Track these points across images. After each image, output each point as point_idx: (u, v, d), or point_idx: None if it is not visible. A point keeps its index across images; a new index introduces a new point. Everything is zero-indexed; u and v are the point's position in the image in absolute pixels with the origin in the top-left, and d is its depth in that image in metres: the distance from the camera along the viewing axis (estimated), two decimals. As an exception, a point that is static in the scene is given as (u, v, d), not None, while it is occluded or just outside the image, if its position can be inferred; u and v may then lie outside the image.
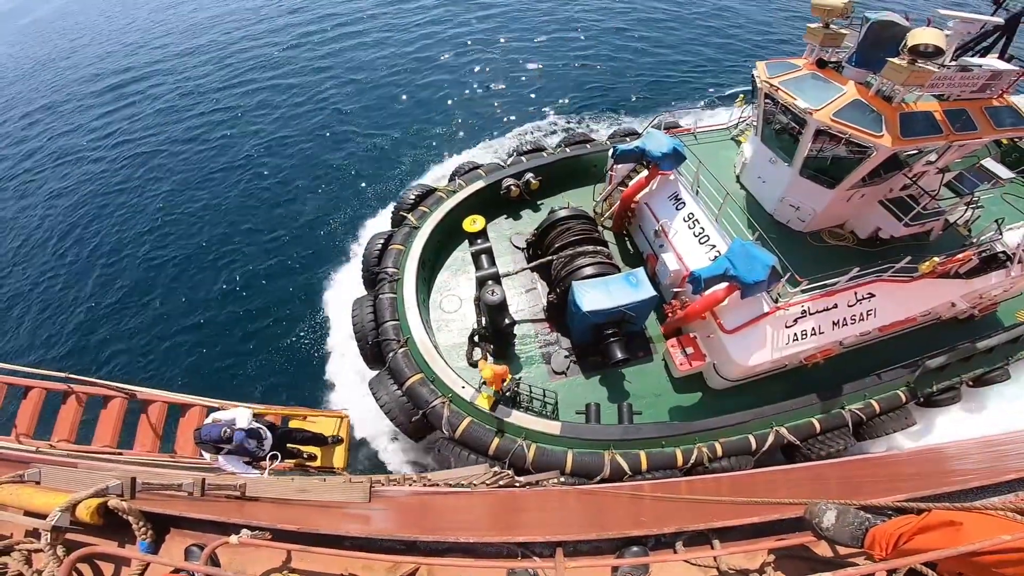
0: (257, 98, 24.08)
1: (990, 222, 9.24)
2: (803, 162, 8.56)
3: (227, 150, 20.61)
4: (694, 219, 9.58)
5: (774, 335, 8.12)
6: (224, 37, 32.29)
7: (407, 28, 29.72)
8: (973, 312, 10.13)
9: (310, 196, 17.50)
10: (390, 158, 19.05)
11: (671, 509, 4.65)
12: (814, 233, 9.53)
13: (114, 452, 6.43)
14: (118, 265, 16.02)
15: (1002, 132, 7.73)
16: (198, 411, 6.98)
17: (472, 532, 3.20)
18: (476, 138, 19.90)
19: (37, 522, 2.65)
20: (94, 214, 18.36)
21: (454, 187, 11.66)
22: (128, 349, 13.49)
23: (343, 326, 11.61)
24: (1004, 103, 7.83)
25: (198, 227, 16.86)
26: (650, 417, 8.83)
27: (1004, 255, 8.99)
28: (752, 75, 9.24)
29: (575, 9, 31.34)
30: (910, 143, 7.30)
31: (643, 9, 30.90)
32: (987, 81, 7.50)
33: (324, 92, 23.83)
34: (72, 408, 6.56)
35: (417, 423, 8.24)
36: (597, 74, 24.33)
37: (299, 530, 2.83)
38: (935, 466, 5.39)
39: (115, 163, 21.17)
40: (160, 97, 26.03)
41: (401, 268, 9.95)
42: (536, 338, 9.99)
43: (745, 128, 11.89)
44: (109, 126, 24.20)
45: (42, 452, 5.67)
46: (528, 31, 28.53)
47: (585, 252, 9.75)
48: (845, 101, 7.61)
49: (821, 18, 8.24)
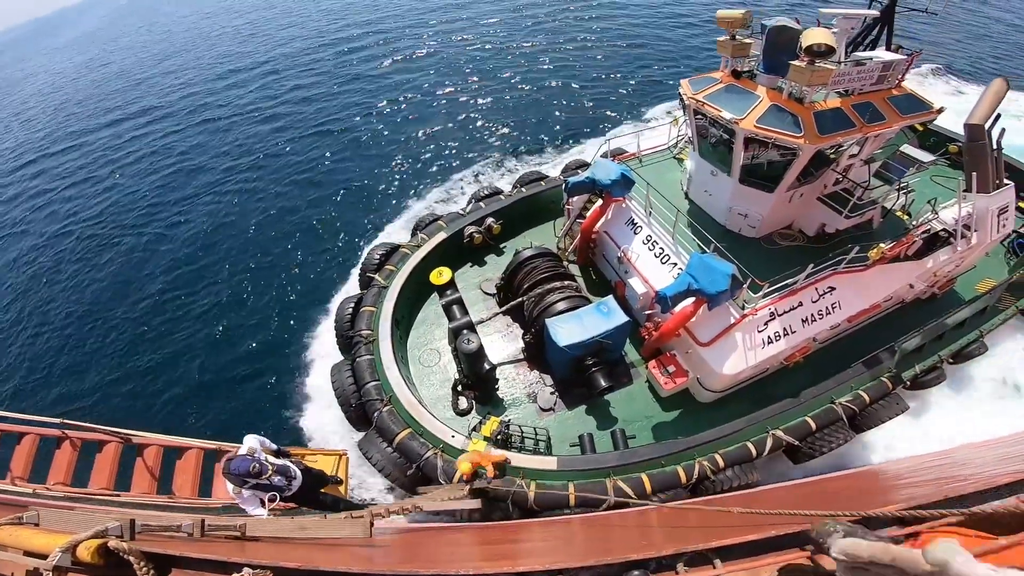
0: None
1: (925, 204, 9.78)
2: (741, 170, 9.00)
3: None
4: (652, 240, 9.86)
5: (749, 340, 8.24)
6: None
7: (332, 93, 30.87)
8: (933, 291, 10.52)
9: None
10: (344, 220, 19.14)
11: (677, 530, 4.55)
12: (766, 237, 9.90)
13: (111, 494, 6.42)
14: (104, 312, 16.52)
15: (908, 118, 8.29)
16: (195, 453, 7.02)
17: (473, 564, 3.12)
18: (429, 185, 20.19)
19: (38, 562, 2.61)
20: (83, 256, 19.31)
21: (417, 242, 11.79)
22: (120, 392, 13.72)
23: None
24: (903, 91, 8.46)
25: (189, 275, 17.37)
26: (644, 439, 8.72)
27: (945, 232, 9.46)
28: (679, 93, 9.80)
29: (505, 46, 33.78)
30: (828, 140, 7.78)
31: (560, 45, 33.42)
32: (882, 72, 8.12)
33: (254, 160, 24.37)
34: (67, 452, 6.68)
35: (412, 477, 8.03)
36: (533, 108, 25.67)
37: (300, 567, 2.78)
38: (936, 472, 5.46)
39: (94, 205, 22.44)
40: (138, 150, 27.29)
41: (375, 329, 9.87)
42: (519, 379, 9.90)
43: (684, 145, 12.47)
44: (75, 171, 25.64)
45: (38, 495, 5.73)
46: (461, 75, 30.25)
47: (554, 288, 9.88)
48: (763, 108, 8.12)
49: (727, 30, 8.86)
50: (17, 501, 5.11)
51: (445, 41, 36.79)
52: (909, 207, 10.23)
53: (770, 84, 8.45)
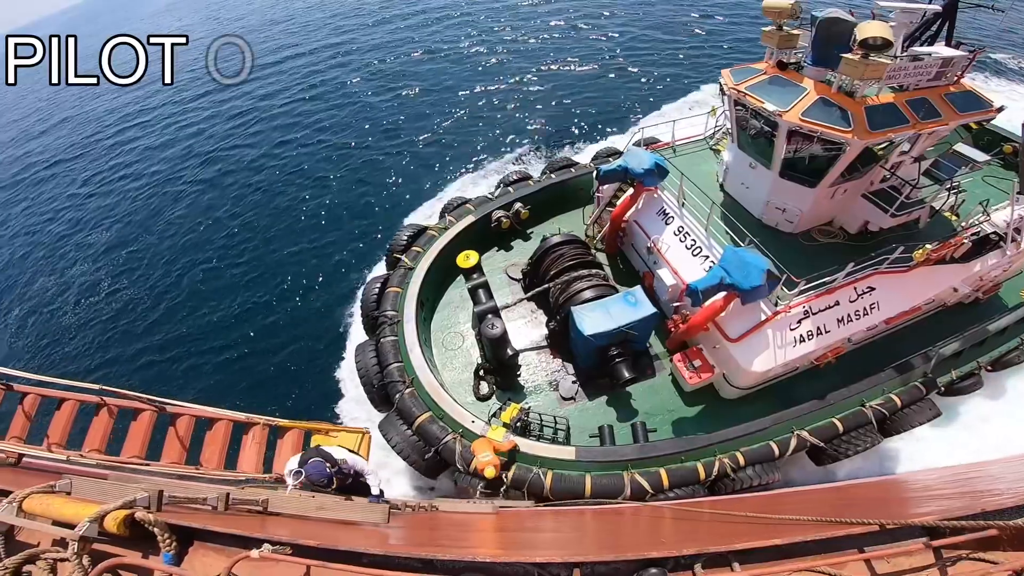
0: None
1: (976, 205, 9.32)
2: (781, 164, 8.71)
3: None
4: (684, 232, 9.67)
5: (780, 338, 8.06)
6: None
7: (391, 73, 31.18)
8: (977, 296, 10.08)
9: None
10: (376, 201, 19.56)
11: (691, 529, 4.52)
12: (804, 233, 9.59)
13: (142, 463, 6.49)
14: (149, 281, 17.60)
15: (965, 116, 7.89)
16: (224, 425, 7.09)
17: (489, 551, 3.14)
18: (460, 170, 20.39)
19: (65, 532, 2.71)
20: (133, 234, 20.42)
21: (445, 224, 11.80)
22: (156, 361, 14.45)
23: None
24: (962, 88, 8.04)
25: (229, 248, 18.24)
26: (664, 434, 8.66)
27: (996, 235, 9.03)
28: (719, 83, 9.51)
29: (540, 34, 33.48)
30: (879, 135, 7.45)
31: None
32: (940, 68, 7.72)
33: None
34: (104, 420, 6.71)
35: (430, 461, 8.13)
36: (564, 97, 25.43)
37: (319, 546, 2.87)
38: (968, 485, 5.26)
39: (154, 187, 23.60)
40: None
41: (400, 310, 9.96)
42: (541, 366, 9.90)
43: (721, 136, 12.15)
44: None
45: (72, 462, 5.75)
46: (497, 64, 30.24)
47: (581, 276, 9.78)
48: (810, 100, 7.81)
49: (773, 20, 8.54)
50: (52, 468, 5.18)
51: (482, 28, 36.55)
52: (958, 207, 9.78)
53: (818, 77, 8.11)
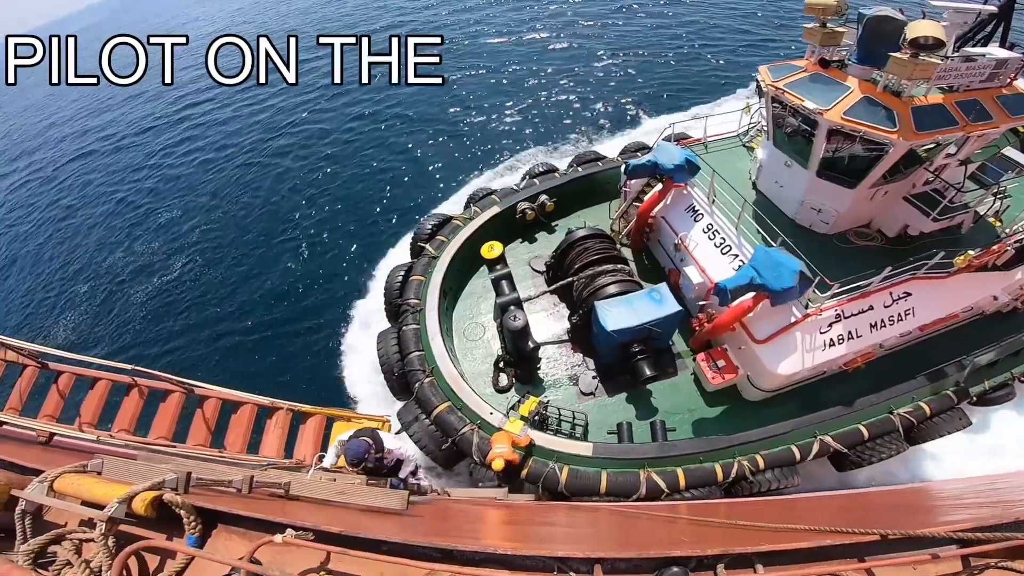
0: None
1: (1021, 211, 8.95)
2: (819, 163, 8.47)
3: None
4: (713, 229, 9.49)
5: (809, 342, 7.89)
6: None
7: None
8: (1016, 305, 9.73)
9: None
10: (405, 187, 19.84)
11: (706, 530, 4.48)
12: (839, 234, 9.34)
13: (168, 444, 6.63)
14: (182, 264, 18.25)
15: (1017, 120, 7.59)
16: (249, 409, 7.21)
17: (509, 544, 3.18)
18: (488, 164, 20.42)
19: (93, 512, 2.74)
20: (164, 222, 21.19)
21: (470, 214, 11.80)
22: (184, 345, 14.99)
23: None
24: (1014, 90, 7.71)
25: (259, 237, 18.74)
26: (684, 433, 8.59)
27: (1042, 243, 8.67)
28: (756, 79, 9.27)
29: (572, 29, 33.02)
30: (926, 136, 7.19)
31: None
32: (993, 70, 7.41)
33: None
34: (134, 400, 6.89)
35: (447, 451, 8.19)
36: (594, 89, 25.28)
37: (341, 532, 2.88)
38: (997, 495, 5.12)
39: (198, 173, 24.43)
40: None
41: (423, 299, 10.03)
42: (562, 360, 9.89)
43: (756, 134, 11.87)
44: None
45: (102, 442, 5.90)
46: (526, 57, 30.02)
47: (605, 271, 9.71)
48: (854, 99, 7.56)
49: (817, 18, 8.28)
50: (82, 447, 5.27)
51: (516, 22, 36.35)
52: (1003, 213, 9.40)
53: (863, 75, 7.86)
